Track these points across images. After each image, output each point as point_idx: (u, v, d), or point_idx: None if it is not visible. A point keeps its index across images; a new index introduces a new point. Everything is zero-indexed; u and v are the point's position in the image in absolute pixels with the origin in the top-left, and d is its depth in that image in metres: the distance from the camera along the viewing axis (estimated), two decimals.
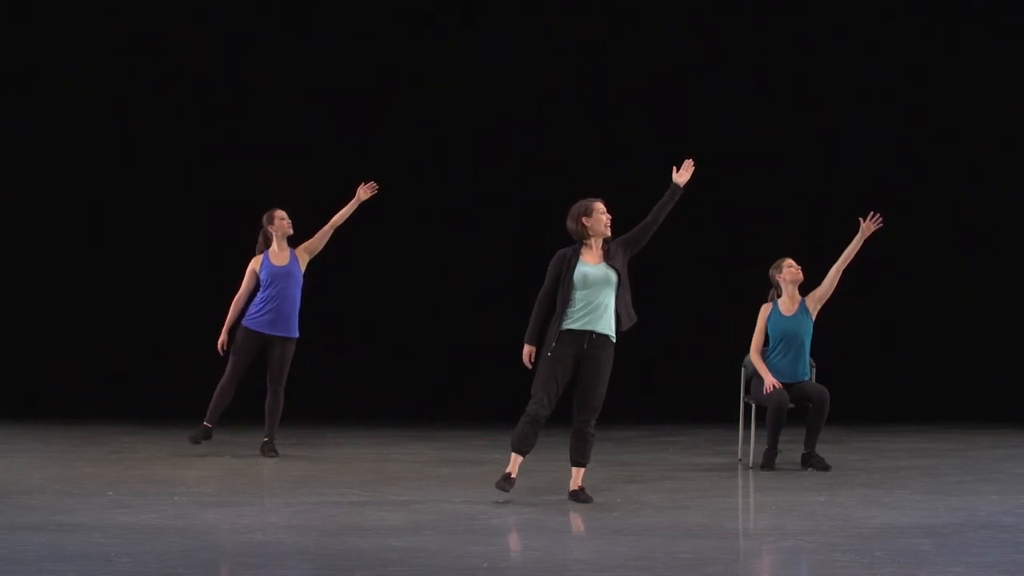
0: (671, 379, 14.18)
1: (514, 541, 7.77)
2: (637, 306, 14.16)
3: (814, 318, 10.47)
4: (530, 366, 8.84)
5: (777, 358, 10.42)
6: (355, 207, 11.14)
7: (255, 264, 11.10)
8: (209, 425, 11.09)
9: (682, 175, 9.01)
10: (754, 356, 10.46)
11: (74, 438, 12.27)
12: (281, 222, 11.07)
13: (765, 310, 10.52)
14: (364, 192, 11.14)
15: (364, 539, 7.64)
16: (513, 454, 8.79)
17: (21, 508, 8.53)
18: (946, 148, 14.06)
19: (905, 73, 14.09)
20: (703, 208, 13.96)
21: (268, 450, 11.07)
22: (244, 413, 11.51)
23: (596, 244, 8.83)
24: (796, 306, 10.46)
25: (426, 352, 14.30)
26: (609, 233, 8.83)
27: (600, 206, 8.85)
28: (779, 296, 10.52)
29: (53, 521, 8.05)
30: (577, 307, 8.75)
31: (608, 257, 8.80)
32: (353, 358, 14.37)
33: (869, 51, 14.12)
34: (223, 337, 11.08)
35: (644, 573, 6.78)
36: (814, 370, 10.60)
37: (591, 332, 8.74)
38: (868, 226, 10.34)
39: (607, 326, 8.76)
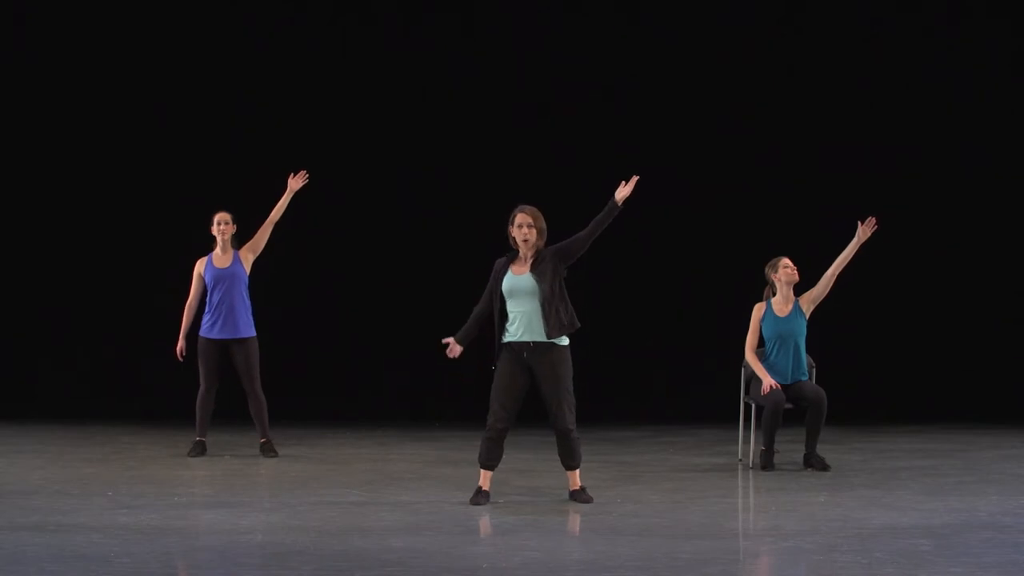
0: (671, 379, 14.18)
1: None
2: (636, 305, 14.24)
3: (807, 318, 10.46)
4: (449, 356, 8.97)
5: (773, 358, 10.42)
6: (289, 199, 11.10)
7: (200, 267, 11.14)
8: (202, 439, 11.10)
9: (622, 191, 8.77)
10: (749, 356, 10.46)
11: (74, 438, 12.28)
12: (219, 226, 11.09)
13: (759, 309, 10.51)
14: (295, 182, 11.11)
15: (364, 539, 7.65)
16: (482, 470, 8.83)
17: (21, 508, 8.53)
18: (946, 148, 14.05)
19: (905, 73, 14.08)
20: (703, 208, 14.01)
21: (267, 450, 11.08)
22: (242, 414, 11.50)
23: (528, 253, 8.77)
24: (790, 306, 10.45)
25: (426, 352, 14.28)
26: (525, 245, 8.73)
27: (519, 217, 8.77)
28: (774, 295, 10.52)
29: (53, 521, 8.05)
30: (510, 319, 8.76)
31: (535, 266, 8.74)
32: (353, 358, 14.36)
33: (869, 51, 14.11)
34: (180, 344, 11.16)
35: (644, 573, 6.78)
36: (814, 370, 10.60)
37: (528, 343, 8.73)
38: (865, 231, 10.33)
39: (544, 334, 8.70)
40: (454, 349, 8.96)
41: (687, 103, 14.11)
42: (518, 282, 8.74)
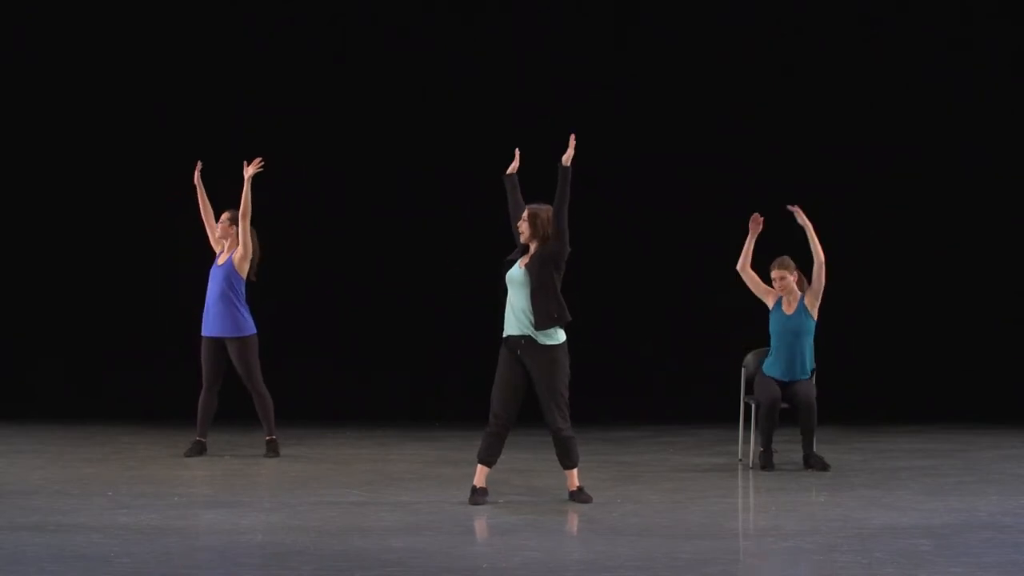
0: (671, 379, 14.17)
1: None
2: (636, 304, 14.24)
3: (815, 317, 10.48)
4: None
5: (776, 355, 10.44)
6: (249, 188, 11.02)
7: (217, 248, 11.14)
8: (201, 439, 11.09)
9: (566, 154, 9.04)
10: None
11: (74, 438, 12.28)
12: (219, 225, 11.16)
13: (772, 296, 10.56)
14: (250, 170, 11.07)
15: (364, 539, 7.65)
16: (479, 465, 8.89)
17: (21, 508, 8.54)
18: (946, 148, 14.05)
19: (905, 73, 14.08)
20: (703, 207, 14.00)
21: (271, 449, 11.07)
22: (242, 413, 11.50)
23: (530, 247, 8.96)
24: (796, 305, 10.50)
25: (426, 352, 14.29)
26: (523, 239, 8.94)
27: (522, 214, 9.01)
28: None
29: (53, 521, 8.06)
30: (507, 310, 8.92)
31: (530, 261, 8.90)
32: (353, 358, 14.35)
33: (869, 51, 14.11)
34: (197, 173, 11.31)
35: (644, 573, 6.78)
36: (814, 371, 10.60)
37: (520, 338, 8.85)
38: (798, 214, 10.49)
39: (532, 326, 8.81)
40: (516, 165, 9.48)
41: (687, 103, 14.10)
42: (514, 274, 8.92)
